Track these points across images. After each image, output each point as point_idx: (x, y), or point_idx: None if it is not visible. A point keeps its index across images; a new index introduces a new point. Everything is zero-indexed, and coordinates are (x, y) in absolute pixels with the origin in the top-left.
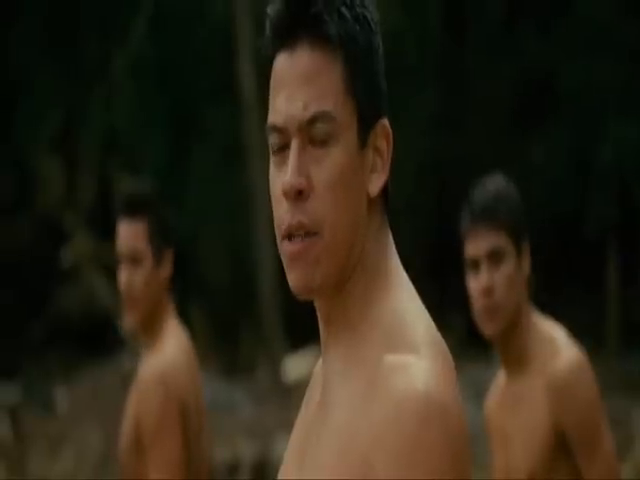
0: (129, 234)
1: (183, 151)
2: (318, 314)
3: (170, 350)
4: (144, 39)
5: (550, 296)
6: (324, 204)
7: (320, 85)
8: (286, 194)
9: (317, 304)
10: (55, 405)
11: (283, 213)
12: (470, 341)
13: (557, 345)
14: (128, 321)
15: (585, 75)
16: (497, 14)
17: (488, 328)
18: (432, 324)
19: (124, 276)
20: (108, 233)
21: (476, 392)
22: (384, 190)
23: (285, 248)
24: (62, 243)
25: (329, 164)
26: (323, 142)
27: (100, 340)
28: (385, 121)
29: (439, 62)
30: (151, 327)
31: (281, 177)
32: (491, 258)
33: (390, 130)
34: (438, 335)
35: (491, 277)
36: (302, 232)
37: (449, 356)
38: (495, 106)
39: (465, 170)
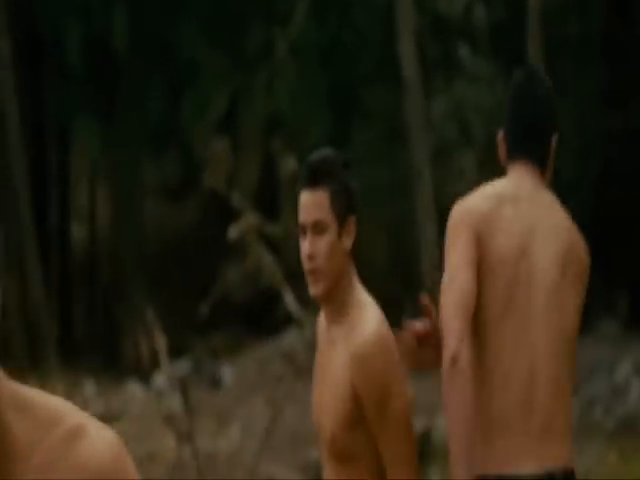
0: (312, 204)
1: (344, 131)
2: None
3: (373, 316)
4: (305, 21)
5: None
6: None
7: None
8: None
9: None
10: (221, 381)
11: None
12: (634, 323)
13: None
14: (313, 292)
15: None
16: None
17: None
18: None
19: (308, 246)
20: (273, 211)
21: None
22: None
23: None
24: (228, 222)
25: None
26: None
27: (265, 318)
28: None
29: (604, 37)
30: (336, 297)
31: None
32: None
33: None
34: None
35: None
36: None
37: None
38: None
39: (630, 145)
